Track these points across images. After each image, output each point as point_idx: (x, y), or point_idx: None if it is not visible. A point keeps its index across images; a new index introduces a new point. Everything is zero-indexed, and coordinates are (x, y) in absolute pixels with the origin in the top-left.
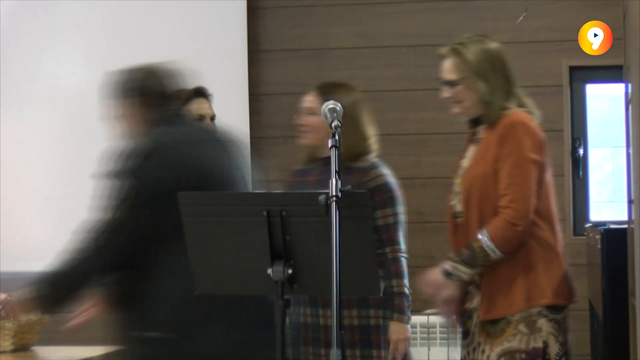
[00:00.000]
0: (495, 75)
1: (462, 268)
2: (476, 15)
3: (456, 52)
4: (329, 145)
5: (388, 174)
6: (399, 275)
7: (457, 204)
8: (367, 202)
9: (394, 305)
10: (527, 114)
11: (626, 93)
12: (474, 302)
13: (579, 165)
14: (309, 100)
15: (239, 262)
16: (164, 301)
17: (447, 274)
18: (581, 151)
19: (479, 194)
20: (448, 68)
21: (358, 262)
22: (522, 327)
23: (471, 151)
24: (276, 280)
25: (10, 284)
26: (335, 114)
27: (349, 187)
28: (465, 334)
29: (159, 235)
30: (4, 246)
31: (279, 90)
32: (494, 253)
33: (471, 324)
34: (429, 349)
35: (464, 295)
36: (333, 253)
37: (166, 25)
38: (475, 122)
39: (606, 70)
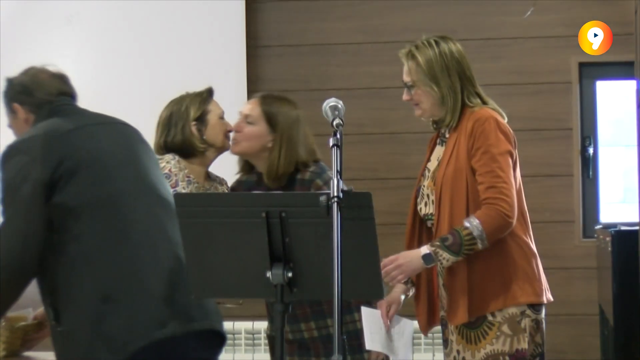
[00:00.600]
0: (447, 78)
1: (444, 254)
2: (482, 10)
3: (410, 56)
4: (330, 144)
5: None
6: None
7: (425, 207)
8: (369, 203)
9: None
10: (494, 111)
11: (637, 90)
12: (447, 306)
13: (589, 165)
14: (249, 107)
15: (236, 265)
16: (68, 293)
17: (428, 258)
18: (591, 150)
19: (449, 193)
20: (405, 71)
21: (360, 264)
22: (505, 329)
23: (438, 152)
24: (275, 284)
25: None
26: (337, 112)
27: (351, 187)
28: (445, 343)
29: (53, 227)
30: None
31: (278, 87)
32: (482, 243)
33: (448, 332)
34: (433, 355)
35: (436, 303)
36: (334, 255)
37: (162, 19)
38: (438, 123)
39: (617, 66)
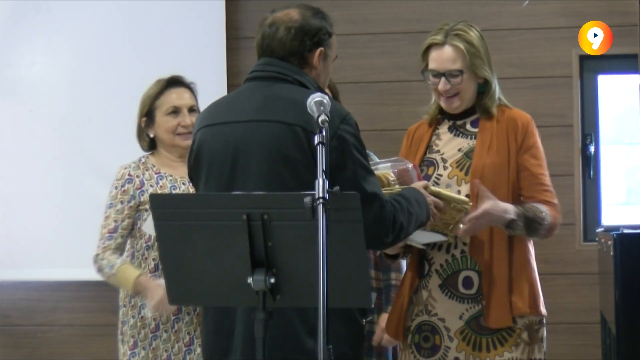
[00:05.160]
0: (491, 62)
1: (520, 225)
2: None
3: (459, 38)
4: (315, 141)
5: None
6: (399, 269)
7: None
8: (356, 205)
9: (389, 297)
10: None
11: None
12: (439, 310)
13: (590, 164)
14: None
15: (216, 270)
16: None
17: (510, 225)
18: (592, 149)
19: (491, 186)
20: (450, 57)
21: (347, 270)
22: (525, 336)
23: (457, 142)
24: (257, 291)
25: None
26: (322, 108)
27: (337, 188)
28: (433, 350)
29: None
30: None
31: None
32: (537, 234)
33: (440, 337)
34: None
35: (407, 308)
36: (320, 260)
37: (139, 10)
38: (463, 115)
39: (620, 60)
